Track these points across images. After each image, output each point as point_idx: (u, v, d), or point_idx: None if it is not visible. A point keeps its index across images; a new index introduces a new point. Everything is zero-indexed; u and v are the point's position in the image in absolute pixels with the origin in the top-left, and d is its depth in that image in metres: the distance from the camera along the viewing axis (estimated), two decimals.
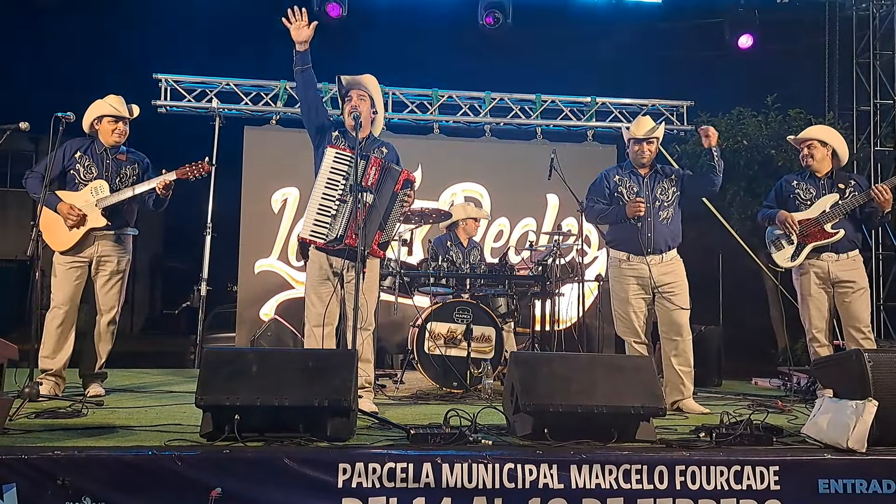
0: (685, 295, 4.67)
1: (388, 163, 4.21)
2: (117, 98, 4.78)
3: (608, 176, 4.89)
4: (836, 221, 4.84)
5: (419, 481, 2.87)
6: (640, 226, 4.64)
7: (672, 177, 4.82)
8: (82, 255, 4.67)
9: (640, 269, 4.66)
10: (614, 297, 4.81)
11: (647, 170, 4.81)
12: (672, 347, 4.63)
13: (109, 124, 4.72)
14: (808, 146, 5.01)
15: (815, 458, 3.10)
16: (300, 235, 4.22)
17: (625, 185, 4.80)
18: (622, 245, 4.75)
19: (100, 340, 4.74)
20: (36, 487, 2.70)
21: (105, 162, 4.72)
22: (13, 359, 3.21)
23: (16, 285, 16.39)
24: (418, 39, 10.08)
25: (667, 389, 4.58)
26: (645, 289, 4.68)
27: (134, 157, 4.86)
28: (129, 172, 4.78)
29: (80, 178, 4.66)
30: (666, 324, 4.67)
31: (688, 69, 10.52)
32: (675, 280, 4.67)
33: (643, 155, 4.77)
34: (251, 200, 8.03)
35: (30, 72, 13.44)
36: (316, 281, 4.24)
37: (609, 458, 2.99)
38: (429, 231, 7.77)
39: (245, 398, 3.06)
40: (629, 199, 4.70)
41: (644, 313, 4.72)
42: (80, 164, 4.67)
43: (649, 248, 4.63)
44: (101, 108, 4.74)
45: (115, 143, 4.75)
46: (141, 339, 17.17)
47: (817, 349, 4.89)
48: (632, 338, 4.72)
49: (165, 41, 10.01)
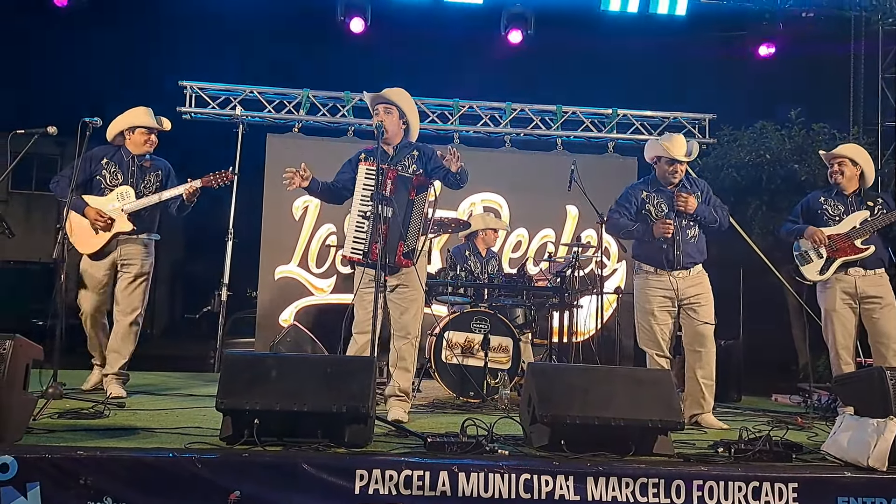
0: (710, 308, 4.64)
1: (401, 172, 4.26)
2: (146, 110, 4.92)
3: (634, 192, 4.82)
4: (866, 237, 4.82)
5: (435, 489, 2.88)
6: (664, 247, 4.59)
7: (699, 193, 4.75)
8: (107, 258, 4.80)
9: (666, 283, 4.61)
10: (639, 308, 4.75)
11: (675, 186, 4.74)
12: (696, 359, 4.60)
13: (142, 135, 4.88)
14: (838, 163, 4.98)
15: (835, 475, 3.08)
16: (342, 253, 4.33)
17: (652, 202, 4.72)
18: (649, 260, 4.70)
19: (121, 341, 4.82)
20: (59, 487, 2.75)
21: (130, 168, 4.85)
22: (38, 359, 3.26)
23: (40, 287, 16.61)
24: (440, 50, 10.15)
25: (687, 402, 4.57)
26: (671, 301, 4.63)
27: (157, 163, 4.98)
28: (153, 179, 4.91)
29: (105, 183, 4.80)
30: (690, 336, 4.63)
31: (711, 82, 10.49)
32: (702, 292, 4.63)
33: (676, 175, 4.71)
34: (272, 207, 8.09)
35: (57, 78, 13.66)
36: (360, 290, 4.28)
37: (626, 471, 2.99)
38: (447, 240, 7.79)
39: (265, 403, 3.09)
40: (657, 219, 4.65)
41: (669, 327, 4.66)
42: (105, 170, 4.81)
43: (677, 264, 4.59)
44: (135, 119, 4.88)
45: (146, 152, 4.91)
46: (162, 342, 17.30)
47: (842, 366, 4.83)
48: (654, 350, 4.67)
49: (191, 49, 10.14)
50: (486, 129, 8.58)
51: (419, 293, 4.36)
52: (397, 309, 4.29)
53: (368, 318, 4.11)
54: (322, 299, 8.00)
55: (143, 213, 4.83)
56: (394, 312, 4.31)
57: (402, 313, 4.29)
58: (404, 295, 4.29)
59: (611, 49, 9.56)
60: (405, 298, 4.29)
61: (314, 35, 10.00)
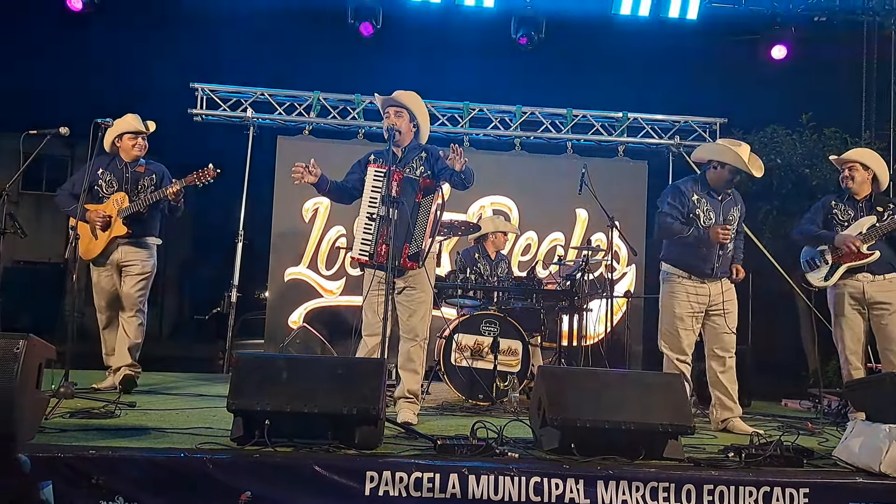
0: (735, 316, 4.60)
1: (408, 174, 4.26)
2: (134, 116, 5.13)
3: (686, 192, 4.61)
4: (872, 243, 4.79)
5: (445, 492, 2.89)
6: (704, 250, 4.50)
7: (740, 206, 4.68)
8: (109, 262, 5.02)
9: (699, 289, 4.55)
10: (665, 311, 4.66)
11: (722, 193, 4.63)
12: (720, 364, 4.57)
13: (130, 140, 5.09)
14: (849, 168, 4.95)
15: (846, 480, 3.06)
16: (350, 255, 4.32)
17: (702, 207, 4.56)
18: (686, 266, 4.57)
19: (125, 334, 5.02)
20: (71, 486, 2.77)
21: (124, 175, 5.07)
22: (51, 359, 3.28)
23: (50, 287, 16.72)
24: (450, 53, 10.15)
25: (716, 407, 4.57)
26: (701, 306, 4.56)
27: (152, 168, 5.17)
28: (147, 183, 5.09)
29: (103, 191, 5.05)
30: (715, 342, 4.59)
31: (722, 86, 10.43)
32: (730, 299, 4.59)
33: (730, 186, 4.60)
34: (282, 209, 8.12)
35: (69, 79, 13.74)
36: (368, 293, 4.29)
37: (636, 475, 2.98)
38: (457, 243, 7.80)
39: (275, 404, 3.10)
40: (711, 224, 4.49)
41: (695, 333, 4.59)
42: (102, 179, 5.06)
43: (713, 275, 4.53)
44: (121, 127, 5.07)
45: (136, 156, 5.11)
46: (171, 343, 17.37)
47: (851, 372, 4.82)
48: (676, 354, 4.59)
49: (202, 51, 10.18)
50: (496, 132, 8.59)
51: (427, 295, 4.36)
52: (405, 311, 4.30)
53: (377, 320, 4.12)
54: (331, 301, 8.02)
55: (141, 215, 4.99)
56: (402, 315, 4.32)
57: (409, 315, 4.29)
58: (412, 297, 4.29)
59: (621, 53, 9.54)
60: (413, 300, 4.29)
61: (325, 38, 10.03)
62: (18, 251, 17.21)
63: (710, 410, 4.67)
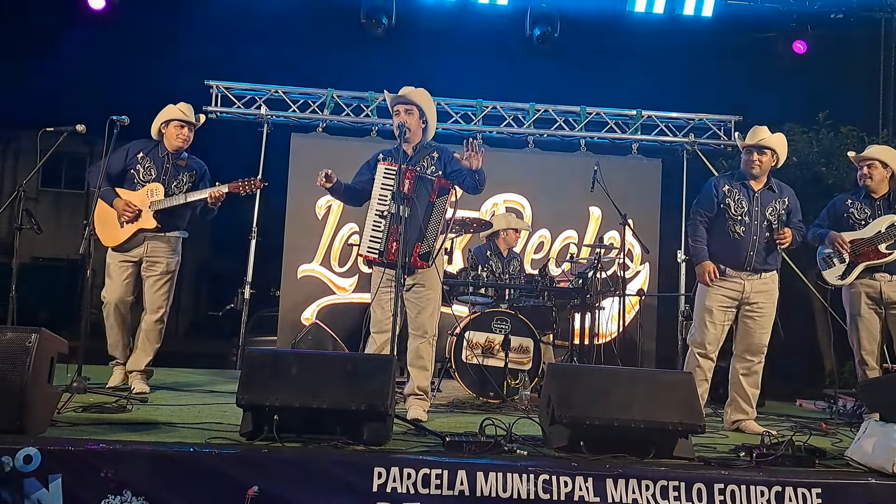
0: (770, 319, 4.54)
1: (420, 172, 4.24)
2: (186, 105, 4.97)
3: (718, 184, 4.64)
4: (890, 242, 4.73)
5: (454, 488, 2.88)
6: (739, 241, 4.48)
7: (786, 199, 4.63)
8: (131, 254, 4.82)
9: (735, 283, 4.50)
10: (699, 303, 4.62)
11: (760, 185, 4.60)
12: (745, 367, 4.53)
13: (175, 129, 4.89)
14: (868, 165, 4.89)
15: (859, 481, 3.03)
16: (359, 252, 4.31)
17: (733, 197, 4.56)
18: (720, 258, 4.55)
19: (146, 339, 4.85)
20: (80, 479, 2.78)
21: (165, 166, 4.87)
22: (63, 353, 3.31)
23: (67, 283, 16.88)
24: (463, 50, 10.13)
25: (731, 408, 4.55)
26: (734, 302, 4.52)
27: (193, 163, 5.00)
28: (186, 179, 4.92)
29: (138, 178, 4.83)
30: (745, 343, 4.55)
31: (737, 84, 10.36)
32: (768, 301, 4.53)
33: (752, 165, 4.56)
34: (296, 206, 8.14)
35: (86, 76, 13.85)
36: (377, 290, 4.29)
37: (646, 473, 2.96)
38: (469, 240, 7.78)
39: (284, 399, 3.11)
40: (735, 214, 4.51)
41: (723, 328, 4.54)
42: (140, 165, 4.84)
43: (749, 266, 4.49)
44: (169, 113, 4.92)
45: (178, 147, 4.91)
46: (185, 339, 17.48)
47: (866, 372, 4.77)
48: (699, 349, 4.55)
49: (217, 49, 10.24)
50: (510, 129, 8.56)
51: (436, 292, 4.35)
52: (414, 308, 4.30)
53: (386, 317, 4.12)
54: (344, 298, 8.04)
55: (173, 211, 4.83)
56: (411, 312, 4.32)
57: (418, 312, 4.29)
58: (421, 294, 4.29)
59: (636, 50, 9.49)
60: (422, 298, 4.29)
61: (339, 35, 10.05)
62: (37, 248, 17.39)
63: (724, 410, 4.64)
